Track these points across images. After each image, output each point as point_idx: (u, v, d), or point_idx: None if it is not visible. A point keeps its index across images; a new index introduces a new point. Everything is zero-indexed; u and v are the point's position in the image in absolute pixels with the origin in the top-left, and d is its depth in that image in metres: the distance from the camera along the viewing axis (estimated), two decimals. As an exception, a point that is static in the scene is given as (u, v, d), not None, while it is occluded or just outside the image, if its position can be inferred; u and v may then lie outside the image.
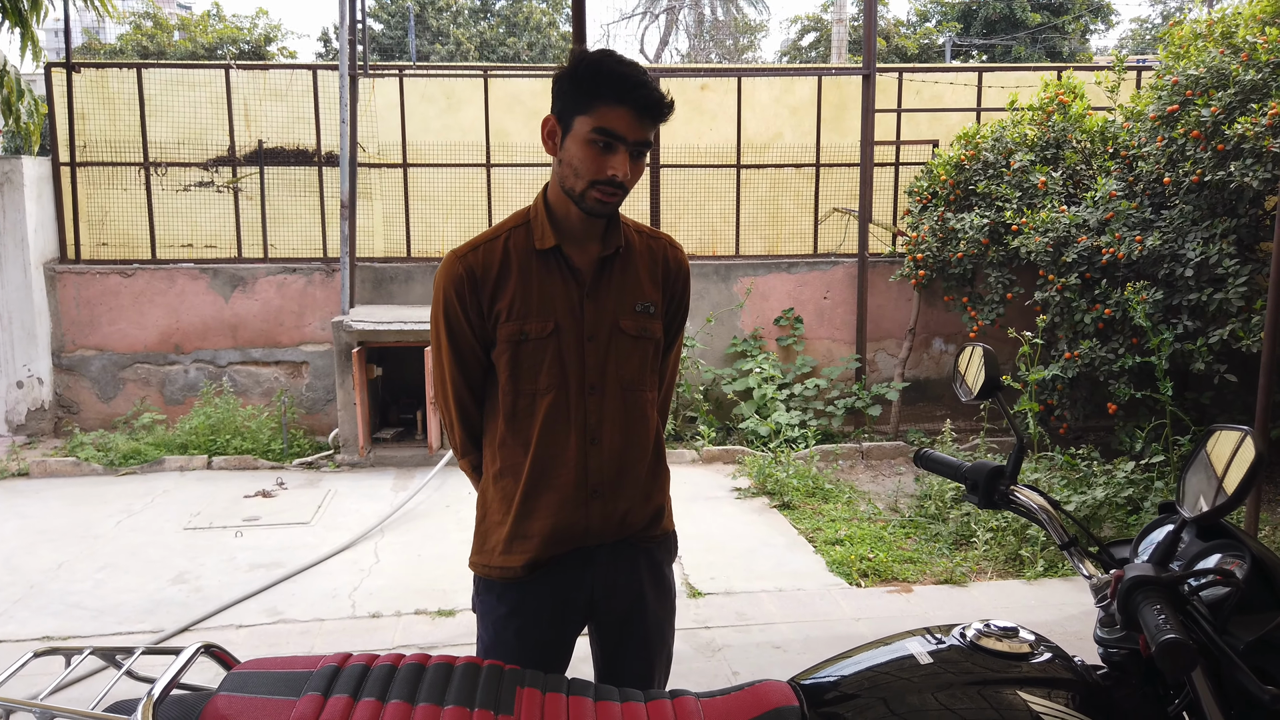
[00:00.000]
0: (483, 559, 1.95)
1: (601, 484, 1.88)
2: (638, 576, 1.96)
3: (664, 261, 1.97)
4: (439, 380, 1.96)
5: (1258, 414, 4.48)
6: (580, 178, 1.77)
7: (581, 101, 1.75)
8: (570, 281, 1.86)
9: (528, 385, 1.86)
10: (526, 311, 1.84)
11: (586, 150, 1.75)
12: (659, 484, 1.99)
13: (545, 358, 1.85)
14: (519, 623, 1.91)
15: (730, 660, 3.83)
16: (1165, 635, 1.22)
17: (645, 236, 1.97)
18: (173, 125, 7.62)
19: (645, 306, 1.91)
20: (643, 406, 1.93)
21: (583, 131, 1.74)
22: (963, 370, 1.99)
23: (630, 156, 1.76)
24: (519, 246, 1.87)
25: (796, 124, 8.18)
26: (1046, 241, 6.11)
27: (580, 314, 1.86)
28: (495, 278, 1.85)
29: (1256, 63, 5.42)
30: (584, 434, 1.87)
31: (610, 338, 1.87)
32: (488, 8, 29.45)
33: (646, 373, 1.93)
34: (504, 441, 1.91)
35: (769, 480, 6.03)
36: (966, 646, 1.57)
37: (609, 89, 1.72)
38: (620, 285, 1.89)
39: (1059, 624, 4.08)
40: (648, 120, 1.75)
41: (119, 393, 7.40)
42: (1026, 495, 1.76)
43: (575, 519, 1.88)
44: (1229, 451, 1.41)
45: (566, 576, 1.91)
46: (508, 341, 1.85)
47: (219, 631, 4.13)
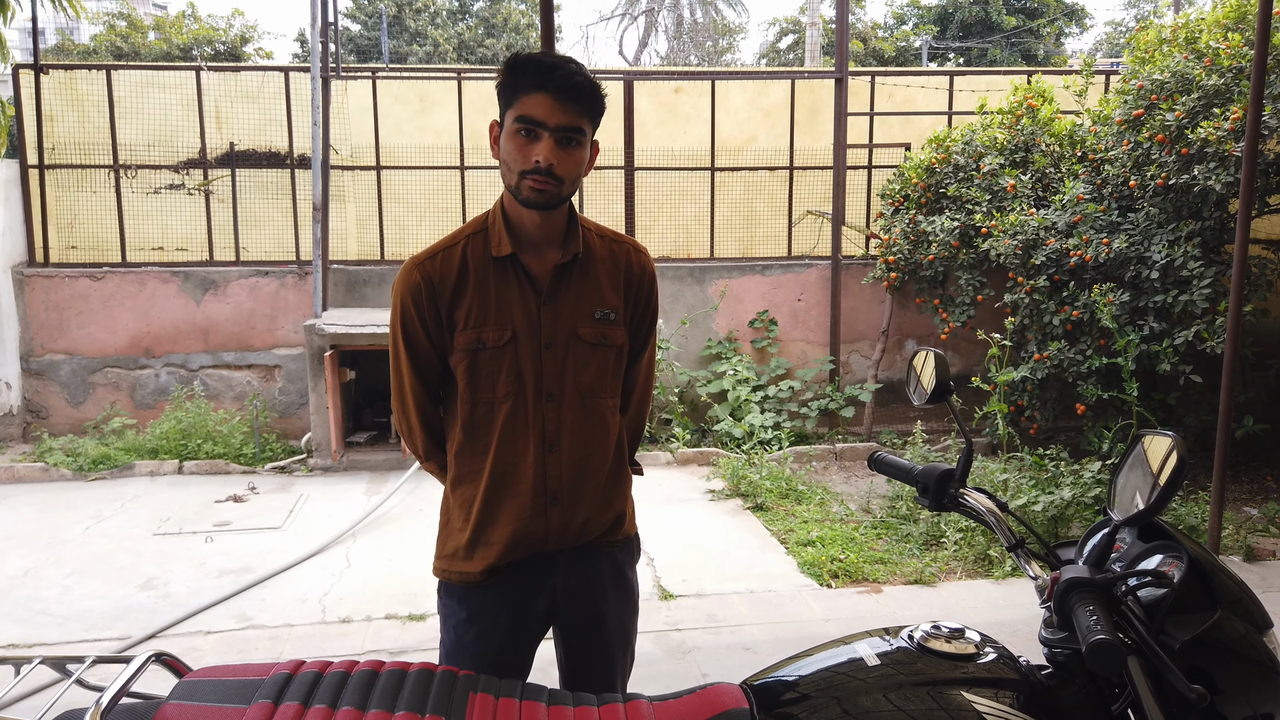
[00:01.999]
0: (444, 563, 1.96)
1: (560, 491, 1.89)
2: (599, 580, 1.97)
3: (627, 267, 1.95)
4: (397, 388, 1.95)
5: (1221, 414, 4.55)
6: (512, 171, 1.77)
7: (508, 97, 1.77)
8: (528, 289, 1.86)
9: (485, 393, 1.86)
10: (484, 319, 1.84)
11: (514, 142, 1.76)
12: (620, 490, 2.00)
13: (503, 366, 1.85)
14: (480, 627, 1.92)
15: (700, 662, 3.84)
16: (1095, 636, 1.25)
17: (608, 241, 1.96)
18: (143, 127, 7.56)
19: (605, 314, 1.90)
20: (602, 414, 1.92)
21: (509, 124, 1.77)
22: (918, 372, 2.03)
23: (557, 143, 1.74)
24: (477, 254, 1.86)
25: (770, 127, 8.22)
26: (1016, 244, 6.17)
27: (538, 322, 1.85)
28: (453, 285, 1.84)
29: (1219, 68, 5.51)
30: (542, 442, 1.87)
31: (568, 345, 1.87)
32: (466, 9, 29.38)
33: (606, 380, 1.92)
34: (463, 449, 1.91)
35: (742, 482, 6.05)
36: (914, 648, 1.60)
37: (527, 78, 1.74)
38: (579, 292, 1.88)
39: (1024, 623, 4.12)
40: (570, 104, 1.74)
41: (89, 397, 7.33)
42: (975, 498, 1.79)
43: (534, 526, 1.88)
44: (1161, 455, 1.44)
45: (526, 581, 1.92)
46: (465, 350, 1.84)
47: (187, 638, 4.10)
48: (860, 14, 26.57)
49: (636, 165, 7.85)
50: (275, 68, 7.82)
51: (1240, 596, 1.54)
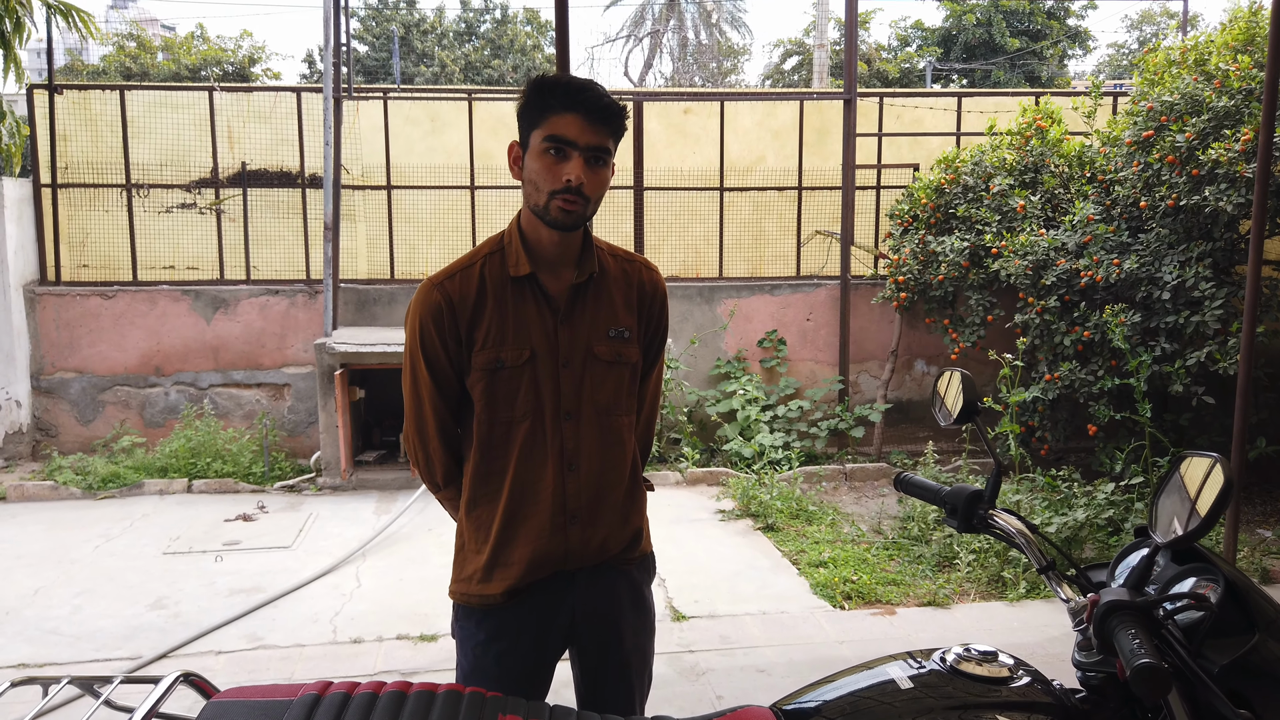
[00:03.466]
0: (461, 586, 1.94)
1: (579, 509, 1.89)
2: (617, 599, 1.97)
3: (639, 285, 1.97)
4: (415, 412, 1.94)
5: (1234, 436, 4.53)
6: (540, 190, 1.78)
7: (534, 117, 1.78)
8: (545, 308, 1.87)
9: (504, 413, 1.87)
10: (502, 339, 1.85)
11: (542, 161, 1.77)
12: (636, 506, 2.00)
13: (521, 385, 1.85)
14: (499, 648, 1.91)
15: (714, 684, 3.81)
16: (1140, 660, 1.24)
17: (620, 260, 1.98)
18: (155, 147, 7.61)
19: (620, 332, 1.91)
20: (619, 431, 1.93)
21: (536, 144, 1.77)
22: (942, 394, 2.01)
23: (586, 163, 1.76)
24: (494, 274, 1.87)
25: (779, 147, 8.25)
26: (1026, 264, 6.18)
27: (555, 341, 1.87)
28: (473, 305, 1.85)
29: (1229, 89, 5.53)
30: (561, 460, 1.88)
31: (585, 364, 1.88)
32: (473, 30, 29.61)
33: (623, 397, 1.94)
34: (479, 470, 1.91)
35: (753, 502, 6.03)
36: (947, 671, 1.58)
37: (556, 98, 1.75)
38: (594, 311, 1.90)
39: (1041, 646, 4.10)
40: (599, 125, 1.76)
41: (98, 415, 7.33)
42: (1005, 519, 1.77)
43: (554, 545, 1.88)
44: (1200, 477, 1.43)
45: (546, 601, 1.92)
46: (483, 369, 1.85)
47: (198, 658, 4.08)
48: (865, 36, 26.75)
49: (646, 185, 7.88)
50: (287, 88, 7.88)
51: (1276, 618, 1.53)
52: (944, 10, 24.14)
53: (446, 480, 2.00)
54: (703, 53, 30.67)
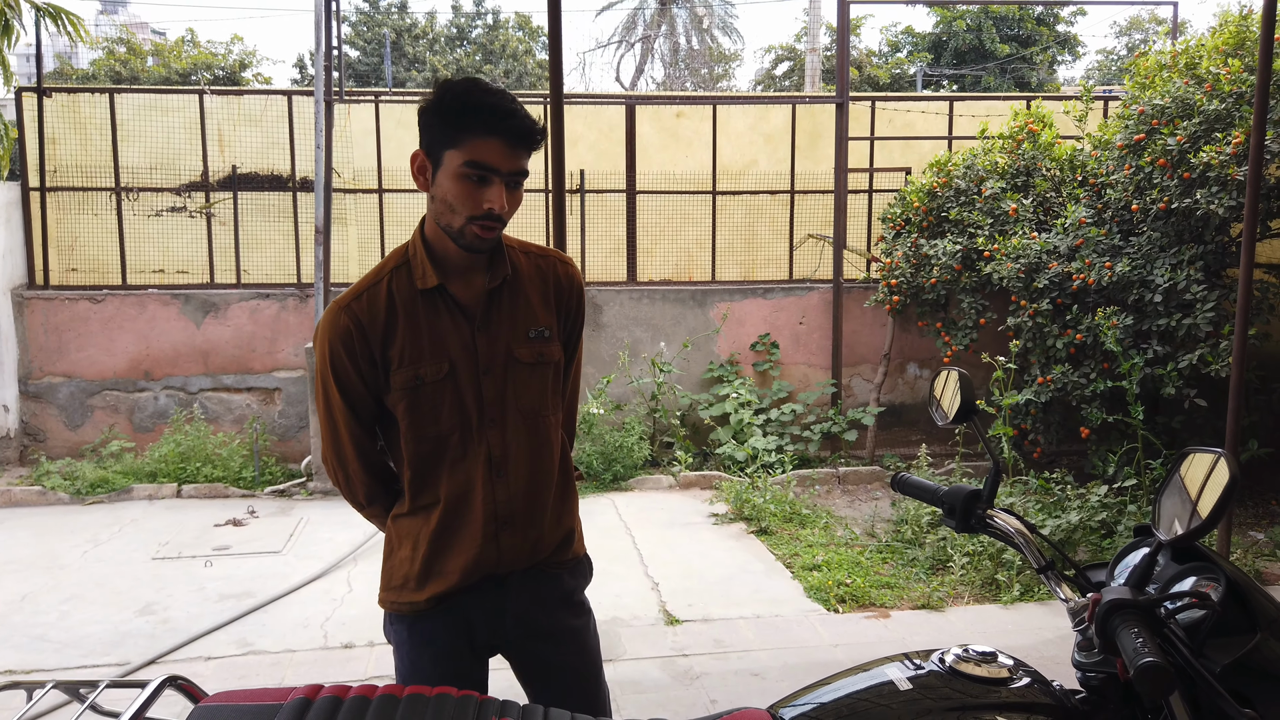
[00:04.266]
0: (391, 595, 1.92)
1: (512, 514, 1.87)
2: (549, 602, 1.95)
3: (555, 281, 1.93)
4: (331, 436, 1.90)
5: (1227, 438, 4.54)
6: (457, 214, 1.72)
7: (450, 135, 1.70)
8: (459, 318, 1.83)
9: (430, 429, 1.83)
10: (419, 356, 1.80)
11: (460, 185, 1.70)
12: (568, 507, 1.98)
13: (444, 399, 1.82)
14: (433, 651, 1.90)
15: (708, 688, 3.79)
16: (1144, 659, 1.22)
17: (534, 257, 1.93)
18: (145, 150, 7.57)
19: (540, 331, 1.88)
20: (546, 431, 1.91)
21: (454, 166, 1.70)
22: (938, 395, 2.00)
23: (507, 187, 1.72)
24: (402, 289, 1.82)
25: (771, 151, 8.25)
26: (1018, 268, 6.19)
27: (473, 350, 1.83)
28: (383, 325, 1.80)
29: (1220, 93, 5.55)
30: (489, 468, 1.85)
31: (506, 369, 1.85)
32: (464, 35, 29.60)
33: (548, 397, 1.91)
34: (412, 485, 1.88)
35: (746, 506, 6.02)
36: (946, 672, 1.57)
37: (478, 121, 1.68)
38: (511, 314, 1.86)
39: (1035, 648, 4.09)
40: (521, 150, 1.72)
41: (87, 420, 7.28)
42: (1004, 519, 1.76)
43: (487, 552, 1.86)
44: (1203, 474, 1.42)
45: (477, 603, 1.90)
46: (404, 389, 1.81)
47: (187, 664, 4.04)
48: (856, 42, 26.82)
49: (638, 189, 7.87)
50: (278, 91, 7.84)
51: (1277, 617, 1.52)
52: (934, 16, 24.24)
53: (370, 499, 1.96)
54: (694, 58, 30.72)
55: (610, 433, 6.98)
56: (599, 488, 6.79)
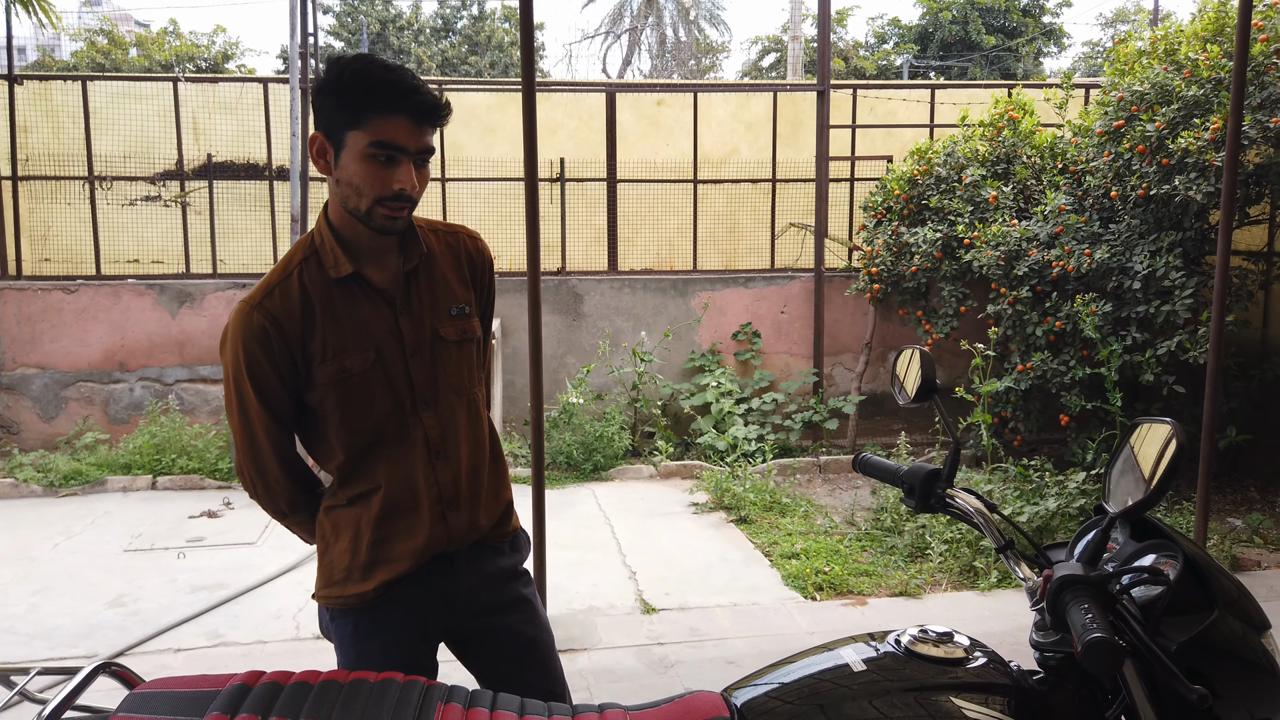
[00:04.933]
0: (334, 590, 1.85)
1: (456, 494, 1.84)
2: (495, 577, 1.92)
3: (468, 257, 1.91)
4: (248, 443, 1.80)
5: (1204, 424, 4.53)
6: (364, 196, 1.66)
7: (352, 115, 1.63)
8: (379, 304, 1.78)
9: (365, 420, 1.77)
10: (343, 348, 1.74)
11: (367, 166, 1.64)
12: (503, 480, 1.96)
13: (374, 388, 1.76)
14: (381, 640, 1.84)
15: (683, 676, 3.76)
16: (1091, 634, 1.19)
17: (443, 235, 1.90)
18: (119, 139, 7.47)
19: (460, 308, 1.86)
20: (477, 408, 1.90)
21: (359, 147, 1.64)
22: (900, 374, 1.97)
23: (415, 166, 1.68)
24: (314, 280, 1.74)
25: (753, 140, 8.21)
26: (998, 255, 6.17)
27: (398, 334, 1.78)
28: (300, 320, 1.72)
29: (1198, 79, 5.53)
30: (429, 450, 1.81)
31: (433, 349, 1.81)
32: (450, 27, 29.43)
33: (473, 372, 1.89)
34: (348, 477, 1.82)
35: (726, 495, 5.99)
36: (902, 653, 1.54)
37: (380, 100, 1.62)
38: (431, 294, 1.82)
39: (1011, 634, 4.07)
40: (427, 126, 1.67)
41: (61, 412, 7.19)
42: (963, 499, 1.73)
43: (437, 534, 1.83)
44: (1153, 444, 1.39)
45: (426, 586, 1.86)
46: (330, 383, 1.74)
47: (156, 655, 3.99)
48: (842, 33, 26.80)
49: (619, 178, 7.82)
50: (254, 79, 7.76)
51: (1237, 596, 1.50)
52: (921, 8, 24.22)
53: (292, 507, 1.90)
54: (681, 50, 30.63)
55: (590, 423, 6.94)
56: (579, 478, 6.75)
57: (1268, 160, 5.26)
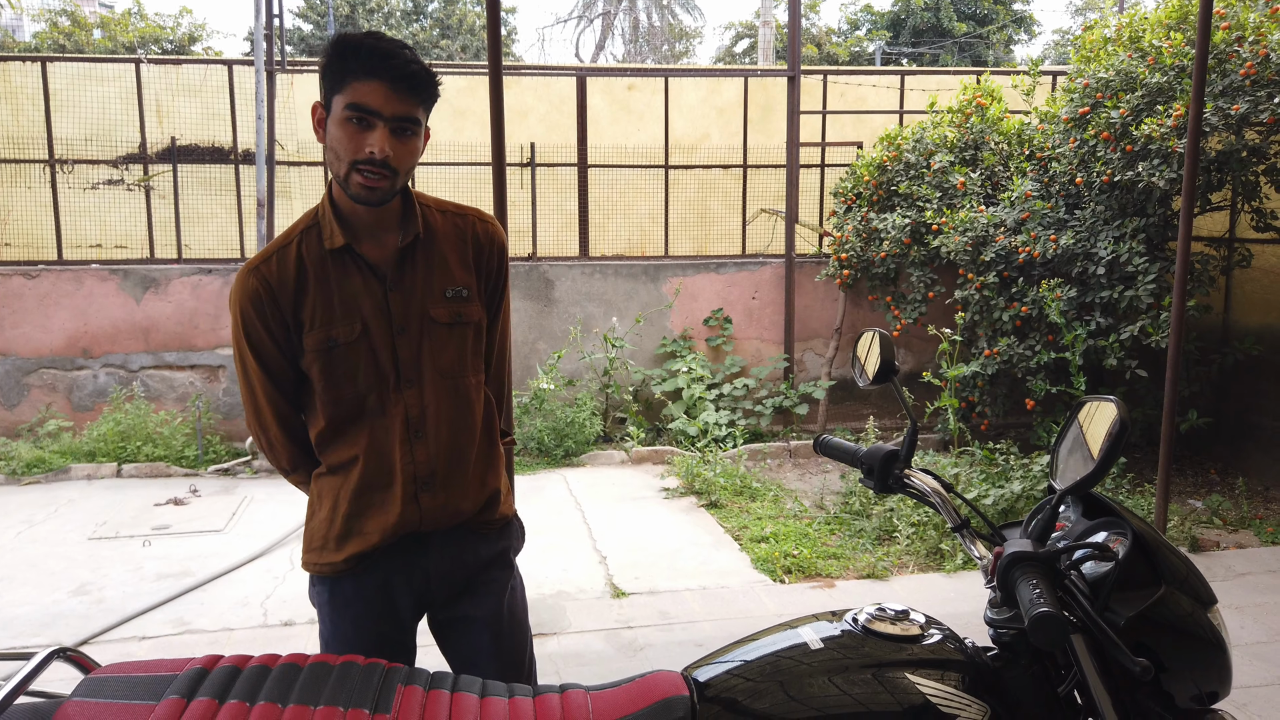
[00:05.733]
0: (312, 557, 1.90)
1: (430, 476, 1.84)
2: (473, 563, 1.92)
3: (474, 240, 1.90)
4: (250, 402, 1.87)
5: (1165, 408, 4.61)
6: (341, 160, 1.69)
7: (336, 81, 1.68)
8: (370, 278, 1.80)
9: (346, 390, 1.80)
10: (330, 317, 1.78)
11: (344, 130, 1.67)
12: (493, 468, 1.95)
13: (359, 360, 1.79)
14: (354, 612, 1.88)
15: (652, 659, 3.78)
16: (1038, 609, 1.22)
17: (451, 216, 1.90)
18: (80, 121, 7.34)
19: (458, 291, 1.85)
20: (466, 393, 1.88)
21: (338, 111, 1.67)
22: (861, 356, 1.99)
23: (392, 133, 1.68)
24: (312, 250, 1.79)
25: (724, 125, 8.21)
26: (966, 241, 6.22)
27: (386, 310, 1.80)
28: (293, 286, 1.77)
29: (1162, 66, 5.59)
30: (407, 428, 1.83)
31: (422, 329, 1.82)
32: (420, 10, 29.11)
33: (468, 358, 1.88)
34: (328, 446, 1.86)
35: (697, 480, 6.02)
36: (859, 630, 1.56)
37: (359, 63, 1.65)
38: (425, 273, 1.83)
39: (975, 615, 4.09)
40: (406, 93, 1.67)
41: (23, 399, 7.08)
42: (920, 479, 1.76)
43: (408, 513, 1.84)
44: (1098, 421, 1.42)
45: (395, 564, 1.87)
46: (316, 350, 1.78)
47: (121, 644, 3.95)
48: (815, 19, 26.81)
49: (589, 163, 7.79)
50: (218, 61, 7.64)
51: (1185, 573, 1.53)
52: (893, -6, 24.28)
53: (293, 465, 1.94)
54: (654, 35, 30.51)
55: (562, 408, 6.93)
56: (551, 464, 6.75)
57: (1229, 147, 5.34)
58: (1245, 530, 5.25)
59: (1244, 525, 5.31)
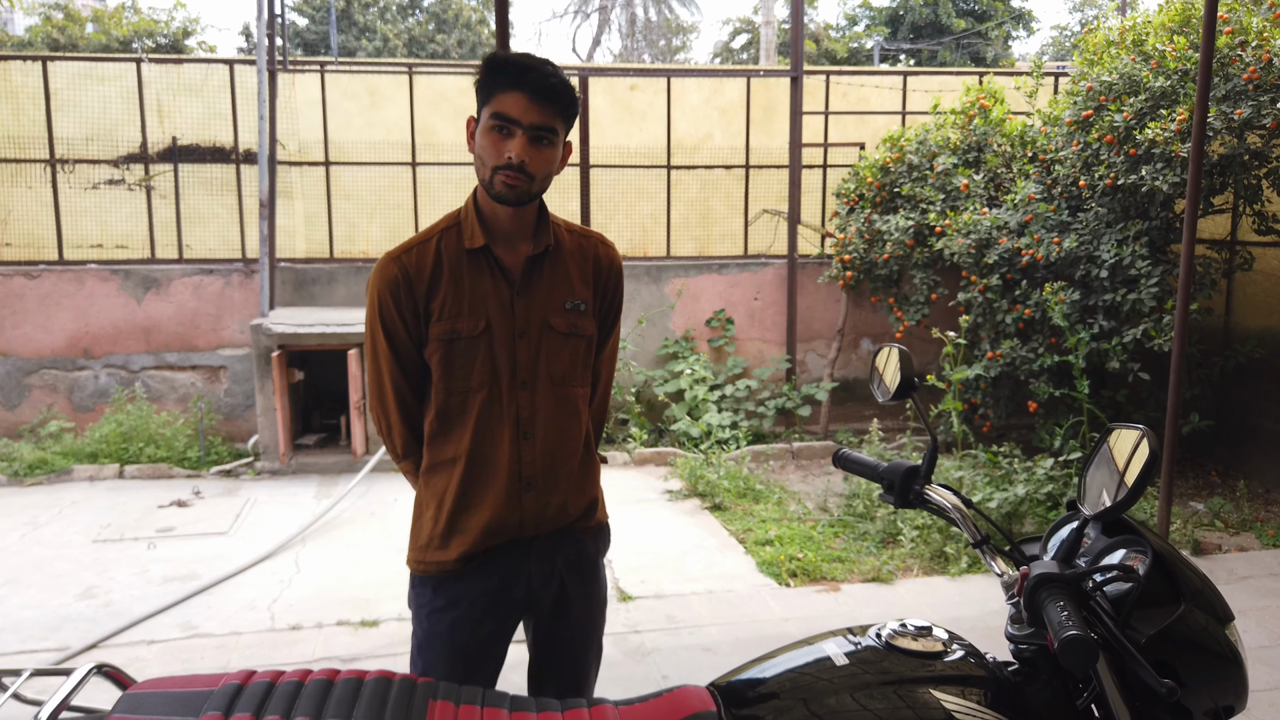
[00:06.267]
0: (418, 554, 1.97)
1: (535, 477, 1.92)
2: (570, 564, 2.00)
3: (595, 259, 2.01)
4: (375, 384, 1.97)
5: (1169, 411, 4.64)
6: (486, 165, 1.83)
7: (485, 95, 1.82)
8: (501, 280, 1.90)
9: (460, 383, 1.90)
10: (458, 311, 1.88)
11: (489, 138, 1.81)
12: (591, 476, 2.04)
13: (477, 356, 1.89)
14: (454, 615, 1.93)
15: (659, 664, 3.80)
16: (1068, 631, 1.24)
17: (576, 235, 2.02)
18: (81, 120, 7.32)
19: (576, 304, 1.95)
20: (574, 401, 1.97)
21: (485, 121, 1.82)
22: (880, 370, 2.00)
23: (530, 141, 1.80)
24: (450, 248, 1.91)
25: (726, 125, 8.22)
26: (969, 243, 6.24)
27: (511, 312, 1.90)
28: (429, 278, 1.88)
29: (1165, 70, 5.61)
30: (516, 428, 1.91)
31: (541, 335, 1.92)
32: (416, 4, 29.03)
33: (578, 369, 1.97)
34: (437, 438, 1.94)
35: (700, 482, 6.03)
36: (882, 646, 1.58)
37: (503, 76, 1.79)
38: (550, 283, 1.93)
39: (981, 619, 4.16)
40: (544, 104, 1.79)
41: (24, 400, 7.07)
42: (941, 495, 1.77)
43: (510, 512, 1.91)
44: (1128, 449, 1.44)
45: (502, 568, 1.94)
46: (439, 340, 1.88)
47: (128, 648, 3.96)
48: (813, 14, 26.80)
49: (591, 163, 7.79)
50: (220, 60, 7.62)
51: (1202, 589, 1.55)
52: (891, -10, 24.27)
53: (405, 452, 2.02)
54: (652, 30, 30.48)
55: (564, 409, 6.93)
56: (553, 464, 6.76)
57: (1231, 151, 5.36)
58: (1247, 533, 5.29)
59: (1245, 528, 5.35)
